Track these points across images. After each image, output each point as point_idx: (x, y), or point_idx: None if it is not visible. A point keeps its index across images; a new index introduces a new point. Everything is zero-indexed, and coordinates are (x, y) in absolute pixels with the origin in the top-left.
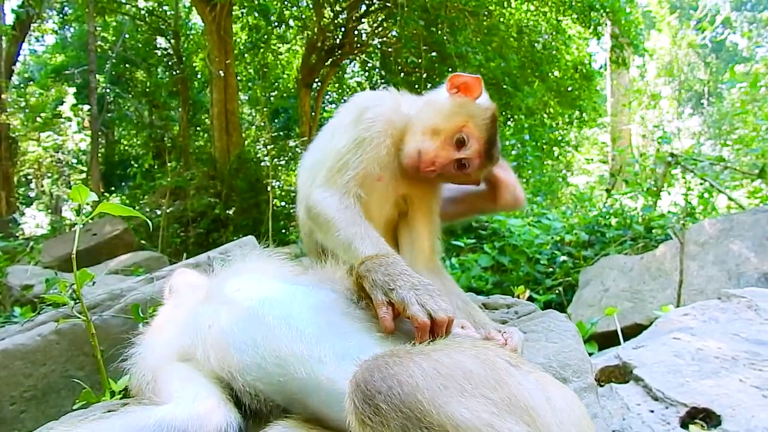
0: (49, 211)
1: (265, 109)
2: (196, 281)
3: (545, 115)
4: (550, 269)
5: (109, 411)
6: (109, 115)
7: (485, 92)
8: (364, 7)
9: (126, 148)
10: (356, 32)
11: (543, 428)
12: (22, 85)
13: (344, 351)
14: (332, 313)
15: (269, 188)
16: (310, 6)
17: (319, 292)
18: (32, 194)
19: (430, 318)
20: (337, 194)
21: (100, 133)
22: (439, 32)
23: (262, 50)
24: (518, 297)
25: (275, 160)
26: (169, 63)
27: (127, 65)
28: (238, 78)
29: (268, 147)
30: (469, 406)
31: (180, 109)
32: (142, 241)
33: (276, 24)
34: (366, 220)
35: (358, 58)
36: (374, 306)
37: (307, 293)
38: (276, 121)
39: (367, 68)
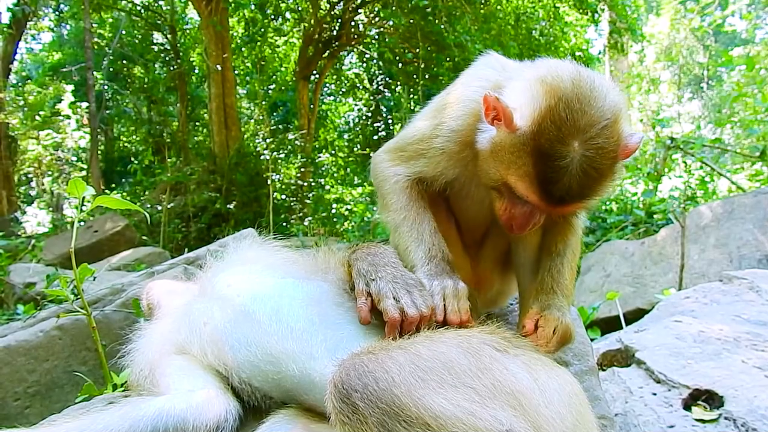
0: (50, 209)
1: (263, 103)
2: (174, 288)
3: None
4: None
5: (110, 403)
6: (107, 112)
7: (530, 109)
8: None
9: (125, 144)
10: (353, 23)
11: (530, 410)
12: (19, 84)
13: (336, 344)
14: (323, 306)
15: (269, 182)
16: None
17: (309, 284)
18: (33, 193)
19: (401, 313)
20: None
21: (99, 130)
22: (437, 21)
23: (259, 44)
24: None
25: (275, 153)
26: (167, 58)
27: (124, 61)
28: (236, 72)
29: (267, 140)
30: (448, 396)
31: (178, 105)
32: (144, 237)
33: (272, 17)
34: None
35: (355, 50)
36: (356, 295)
37: (297, 286)
38: (275, 114)
39: (364, 59)
